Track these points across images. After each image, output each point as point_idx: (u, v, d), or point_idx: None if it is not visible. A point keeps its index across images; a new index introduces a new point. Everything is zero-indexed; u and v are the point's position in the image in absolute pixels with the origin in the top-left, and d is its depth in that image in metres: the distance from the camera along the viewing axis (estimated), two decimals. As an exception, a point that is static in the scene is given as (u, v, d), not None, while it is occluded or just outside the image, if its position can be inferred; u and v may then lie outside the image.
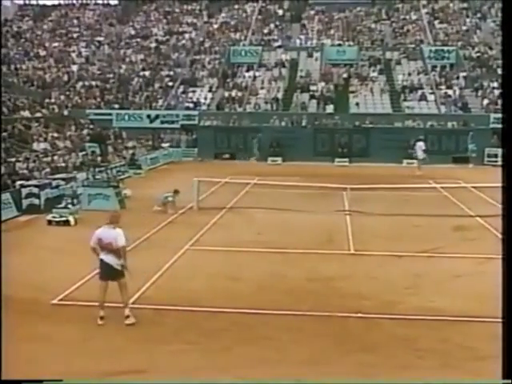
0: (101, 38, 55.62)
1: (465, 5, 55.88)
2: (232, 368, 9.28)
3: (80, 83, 48.52)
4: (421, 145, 35.72)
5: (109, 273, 11.02)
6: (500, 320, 10.95)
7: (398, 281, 13.89)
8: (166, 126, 43.80)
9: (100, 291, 11.09)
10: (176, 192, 22.05)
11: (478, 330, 10.86)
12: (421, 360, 9.66)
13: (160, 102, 45.86)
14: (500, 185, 21.87)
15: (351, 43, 51.91)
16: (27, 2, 63.23)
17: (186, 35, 55.08)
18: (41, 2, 63.18)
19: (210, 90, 46.80)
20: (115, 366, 9.22)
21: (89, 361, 9.37)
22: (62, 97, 45.85)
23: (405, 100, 43.97)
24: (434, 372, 9.29)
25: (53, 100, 44.64)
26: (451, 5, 56.10)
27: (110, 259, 10.99)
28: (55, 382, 7.90)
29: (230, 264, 15.18)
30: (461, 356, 9.80)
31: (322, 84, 46.02)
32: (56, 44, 54.93)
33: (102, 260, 11.08)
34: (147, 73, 49.39)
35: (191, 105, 45.18)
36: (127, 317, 10.96)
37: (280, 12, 57.56)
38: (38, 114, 38.68)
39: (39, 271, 14.20)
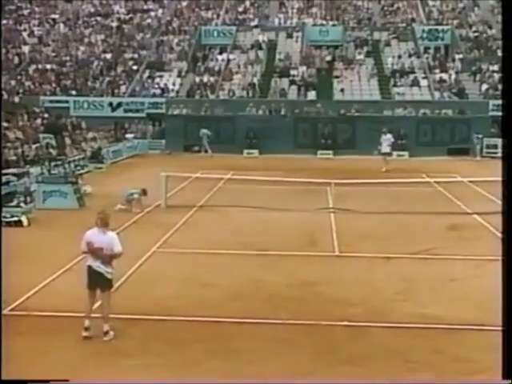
0: (55, 16, 55.24)
1: (461, -20, 56.32)
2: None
3: (32, 66, 48.22)
4: (389, 137, 34.54)
5: (97, 281, 10.85)
6: (500, 328, 11.08)
7: (388, 285, 13.97)
8: (129, 114, 43.70)
9: (88, 301, 10.93)
10: (143, 191, 21.98)
11: (476, 339, 10.94)
12: (413, 373, 9.71)
13: (123, 88, 45.68)
14: (500, 179, 22.19)
15: (335, 23, 52.14)
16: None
17: (152, 13, 54.94)
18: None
19: (178, 75, 46.73)
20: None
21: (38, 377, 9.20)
22: (13, 82, 45.51)
23: (395, 85, 44.24)
24: (428, 386, 9.39)
25: (2, 85, 44.24)
26: (446, -20, 56.53)
27: (99, 266, 10.78)
28: (62, 383, 8.45)
29: (201, 268, 15.17)
30: (457, 369, 9.87)
31: (303, 68, 46.15)
32: (4, 22, 54.32)
33: (89, 267, 10.88)
34: (108, 55, 49.18)
35: (158, 91, 45.09)
36: (106, 333, 10.79)
37: (256, -12, 57.64)
38: (-15, 102, 38.37)
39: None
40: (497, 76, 43.95)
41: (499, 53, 46.12)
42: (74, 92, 45.16)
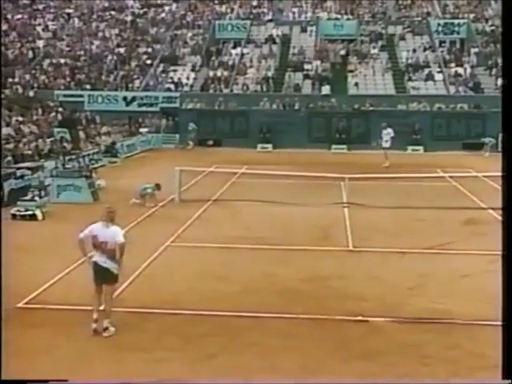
0: (70, 10, 55.28)
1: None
2: (215, 378, 9.30)
3: (47, 61, 48.28)
4: (389, 132, 33.87)
5: (104, 277, 10.80)
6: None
7: (402, 280, 13.95)
8: (143, 109, 43.69)
9: (95, 295, 10.92)
10: (157, 186, 22.05)
11: (490, 334, 10.85)
12: (427, 368, 9.69)
13: (137, 82, 45.69)
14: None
15: (350, 17, 51.91)
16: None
17: (166, 8, 54.86)
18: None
19: (192, 69, 46.68)
20: (78, 376, 9.14)
21: (48, 371, 9.20)
22: (27, 76, 45.63)
23: (409, 80, 44.03)
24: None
25: (16, 79, 44.41)
26: (462, -27, 56.13)
27: (105, 261, 10.73)
28: (60, 383, 8.46)
29: (215, 262, 15.19)
30: (471, 364, 9.84)
31: (318, 62, 46.01)
32: (19, 16, 54.55)
33: (95, 263, 10.83)
34: (122, 50, 49.19)
35: (172, 86, 45.05)
36: (106, 329, 10.73)
37: (271, -18, 57.48)
38: (0, 96, 38.49)
39: (2, 271, 14.13)
40: (512, 70, 43.65)
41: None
42: (88, 86, 45.21)
